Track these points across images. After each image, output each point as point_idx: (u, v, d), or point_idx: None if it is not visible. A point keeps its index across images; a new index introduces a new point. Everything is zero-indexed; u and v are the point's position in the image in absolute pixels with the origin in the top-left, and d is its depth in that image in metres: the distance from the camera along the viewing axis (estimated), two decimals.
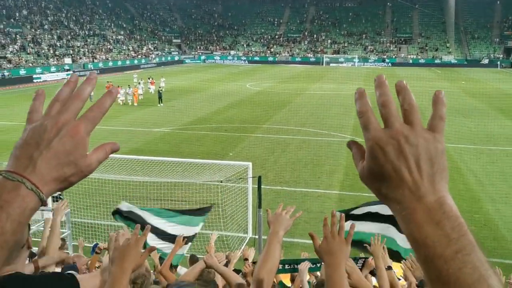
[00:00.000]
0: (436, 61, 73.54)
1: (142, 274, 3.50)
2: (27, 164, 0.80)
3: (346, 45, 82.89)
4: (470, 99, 35.36)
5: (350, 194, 14.73)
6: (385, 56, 77.01)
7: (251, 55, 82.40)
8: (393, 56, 77.09)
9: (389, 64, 73.71)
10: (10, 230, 0.76)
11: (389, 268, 4.32)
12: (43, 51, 58.68)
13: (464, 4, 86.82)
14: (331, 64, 74.30)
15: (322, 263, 4.91)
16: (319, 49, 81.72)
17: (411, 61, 74.40)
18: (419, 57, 76.16)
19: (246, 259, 5.50)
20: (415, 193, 0.76)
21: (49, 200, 10.53)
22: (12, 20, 62.21)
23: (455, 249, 0.72)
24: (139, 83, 36.25)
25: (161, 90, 33.25)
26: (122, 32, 79.79)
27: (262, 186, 10.39)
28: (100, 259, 5.60)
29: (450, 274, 0.72)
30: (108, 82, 35.28)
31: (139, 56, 73.27)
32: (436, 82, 48.67)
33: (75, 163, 0.83)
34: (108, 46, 70.94)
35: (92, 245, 7.12)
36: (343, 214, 2.17)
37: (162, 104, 31.88)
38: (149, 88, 37.79)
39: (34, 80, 49.62)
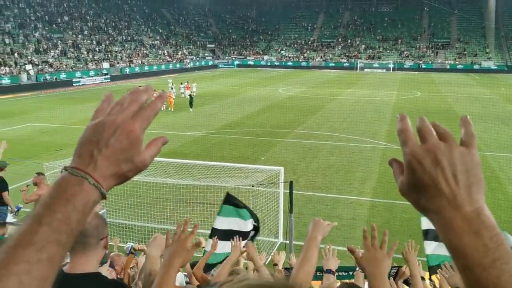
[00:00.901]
0: (475, 67, 71.56)
1: None
2: (89, 161, 0.87)
3: (381, 50, 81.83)
4: (510, 106, 34.24)
5: (383, 201, 14.52)
6: (421, 62, 75.55)
7: (284, 60, 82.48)
8: (430, 62, 75.52)
9: (426, 69, 72.27)
10: (75, 220, 0.83)
11: (422, 278, 4.25)
12: (82, 55, 60.51)
13: (505, 8, 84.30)
14: (365, 70, 73.50)
15: (355, 272, 4.88)
16: (353, 54, 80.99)
17: (448, 67, 72.68)
18: (456, 62, 74.33)
19: (276, 264, 5.49)
20: (453, 203, 0.80)
21: (10, 216, 10.85)
22: (54, 25, 64.45)
23: (494, 258, 0.76)
24: (172, 88, 36.72)
25: (192, 95, 33.46)
26: (158, 37, 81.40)
27: (293, 191, 10.39)
28: (136, 260, 5.75)
29: (489, 281, 0.75)
30: (140, 86, 36.02)
31: (174, 61, 74.51)
32: (474, 88, 47.37)
33: (131, 160, 0.89)
34: (144, 51, 72.48)
35: (125, 246, 7.28)
36: (386, 231, 2.18)
37: (192, 110, 31.90)
38: (182, 93, 38.15)
39: (74, 84, 51.19)
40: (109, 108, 0.96)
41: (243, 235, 5.33)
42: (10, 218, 10.70)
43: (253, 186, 12.55)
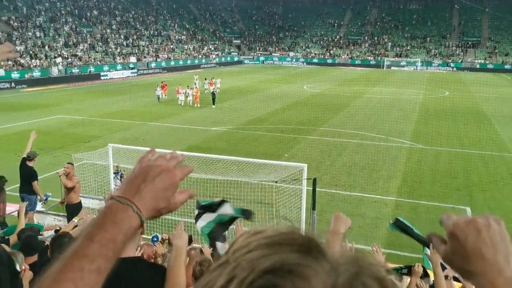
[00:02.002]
0: (506, 67, 69.68)
1: (207, 260, 3.89)
2: (135, 193, 1.02)
3: (408, 48, 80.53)
4: None
5: (408, 201, 14.35)
6: (450, 60, 73.97)
7: (310, 57, 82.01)
8: (459, 61, 73.90)
9: (454, 68, 70.79)
10: (120, 241, 0.97)
11: (449, 277, 4.21)
12: (110, 49, 61.47)
13: None
14: (392, 68, 72.48)
15: None
16: (380, 52, 79.95)
17: (478, 66, 70.98)
18: (487, 62, 72.52)
19: None
20: (494, 268, 0.90)
21: (39, 205, 11.10)
22: (83, 20, 65.64)
23: None
24: (195, 83, 36.89)
25: (215, 91, 33.38)
26: (184, 32, 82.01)
27: (316, 189, 10.36)
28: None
29: None
30: (162, 82, 36.37)
31: (200, 56, 74.95)
32: (505, 89, 46.21)
33: (168, 199, 1.05)
34: (171, 46, 73.14)
35: (151, 237, 7.41)
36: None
37: (214, 106, 31.80)
38: (205, 88, 37.96)
39: (101, 77, 52.08)
40: (153, 157, 1.13)
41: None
42: (39, 207, 11.00)
43: (276, 182, 12.57)
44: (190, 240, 5.86)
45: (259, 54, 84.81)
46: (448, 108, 30.42)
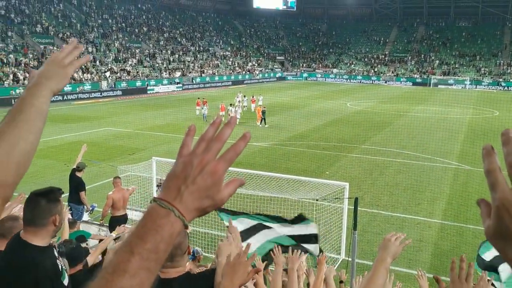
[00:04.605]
0: None
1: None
2: (176, 195, 0.96)
3: (457, 66, 78.39)
4: None
5: (453, 224, 13.85)
6: (501, 79, 71.37)
7: (354, 73, 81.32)
8: (511, 79, 71.20)
9: (506, 87, 68.19)
10: (163, 250, 0.93)
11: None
12: (157, 64, 63.32)
13: None
14: (439, 86, 70.70)
15: None
16: (426, 70, 78.23)
17: None
18: None
19: (342, 282, 5.41)
20: None
21: (86, 215, 11.37)
22: (133, 36, 68.08)
23: None
24: (237, 100, 36.51)
25: (264, 108, 31.70)
26: (229, 49, 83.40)
27: (358, 208, 10.20)
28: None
29: None
30: (198, 98, 36.62)
31: (244, 72, 75.87)
32: None
33: (212, 197, 0.98)
34: (216, 62, 74.49)
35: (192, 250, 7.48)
36: (472, 263, 2.07)
37: (265, 125, 30.63)
38: (244, 106, 37.64)
39: (148, 92, 53.64)
40: (192, 143, 1.04)
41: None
42: (85, 217, 11.39)
43: (317, 200, 12.46)
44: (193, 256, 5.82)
45: (302, 71, 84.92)
46: (497, 128, 29.22)
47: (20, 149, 1.32)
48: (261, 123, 30.87)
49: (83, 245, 6.07)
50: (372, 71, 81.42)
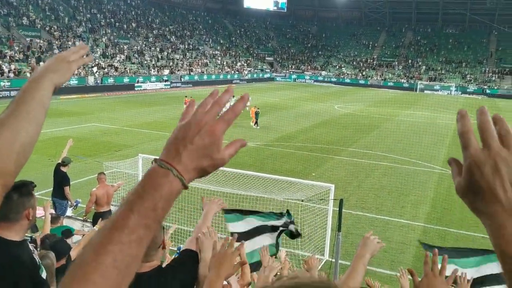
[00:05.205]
0: None
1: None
2: (175, 156, 0.99)
3: (443, 72, 79.35)
4: None
5: (436, 228, 14.02)
6: (486, 87, 72.40)
7: (342, 76, 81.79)
8: (495, 87, 72.27)
9: (490, 95, 69.12)
10: (161, 208, 0.95)
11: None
12: (145, 62, 62.93)
13: None
14: (425, 91, 71.46)
15: None
16: (413, 75, 79.04)
17: None
18: None
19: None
20: (507, 210, 0.84)
21: (69, 210, 11.27)
22: (122, 32, 67.56)
23: None
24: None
25: (257, 110, 31.04)
26: (218, 48, 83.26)
27: (343, 210, 10.26)
28: None
29: None
30: (186, 97, 36.47)
31: (233, 71, 75.81)
32: None
33: (211, 156, 1.00)
34: (205, 60, 74.30)
35: (176, 248, 7.47)
36: (446, 256, 2.13)
37: (257, 127, 30.39)
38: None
39: (136, 88, 53.28)
40: (193, 110, 1.07)
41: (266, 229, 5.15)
42: (69, 212, 11.27)
43: (302, 201, 12.51)
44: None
45: (291, 72, 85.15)
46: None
47: (21, 140, 1.33)
48: (255, 124, 30.74)
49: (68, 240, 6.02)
50: (360, 74, 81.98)
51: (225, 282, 2.80)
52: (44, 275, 3.09)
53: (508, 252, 0.83)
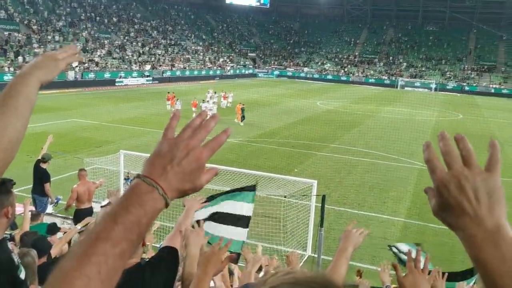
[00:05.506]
0: None
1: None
2: (161, 173, 0.99)
3: (423, 69, 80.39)
4: None
5: (416, 223, 14.23)
6: (464, 84, 73.64)
7: (324, 73, 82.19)
8: (474, 84, 73.54)
9: (469, 92, 70.25)
10: (145, 224, 0.95)
11: None
12: (127, 57, 62.21)
13: None
14: (406, 88, 72.31)
15: None
16: (394, 72, 79.89)
17: (493, 91, 70.53)
18: (502, 86, 72.00)
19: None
20: (475, 220, 0.92)
21: (50, 207, 11.14)
22: (103, 26, 66.65)
23: (510, 266, 0.88)
24: (210, 97, 35.64)
25: (243, 106, 30.95)
26: (201, 43, 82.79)
27: (325, 206, 10.34)
28: None
29: (505, 287, 0.87)
30: (168, 92, 36.18)
31: (215, 67, 75.51)
32: None
33: (193, 182, 1.03)
34: (187, 56, 73.81)
35: (159, 245, 7.42)
36: (428, 254, 2.24)
37: (242, 124, 30.03)
38: (214, 102, 36.85)
39: (117, 84, 52.64)
40: (176, 124, 1.09)
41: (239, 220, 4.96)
42: (49, 209, 11.11)
43: (285, 197, 12.56)
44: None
45: (273, 68, 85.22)
46: (461, 131, 29.79)
47: (10, 136, 1.32)
48: (242, 121, 30.55)
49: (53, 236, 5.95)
50: (342, 71, 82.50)
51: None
52: (23, 275, 3.04)
53: (480, 258, 0.90)
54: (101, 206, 7.79)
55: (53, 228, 6.43)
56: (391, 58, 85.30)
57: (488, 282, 0.89)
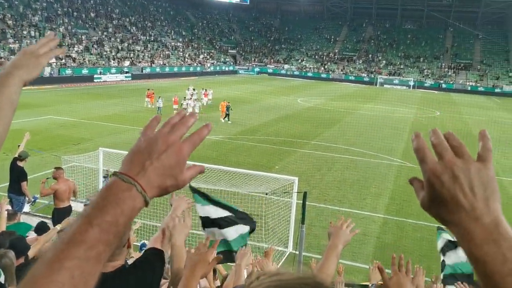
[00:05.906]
0: (496, 90, 70.66)
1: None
2: (139, 170, 0.94)
3: (402, 67, 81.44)
4: None
5: (395, 219, 14.42)
6: (442, 81, 74.91)
7: (304, 70, 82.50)
8: (451, 82, 74.86)
9: (446, 89, 71.51)
10: (122, 223, 0.90)
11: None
12: (105, 53, 61.32)
13: None
14: (385, 85, 73.15)
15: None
16: (373, 69, 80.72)
17: (469, 88, 71.92)
18: (478, 84, 73.48)
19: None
20: (472, 215, 0.86)
21: (27, 206, 10.95)
22: (80, 21, 65.52)
23: (511, 268, 0.82)
24: (190, 94, 35.11)
25: (228, 104, 30.54)
26: (180, 40, 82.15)
27: (306, 202, 10.38)
28: None
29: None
30: (148, 89, 35.77)
31: (195, 64, 75.04)
32: (495, 112, 46.80)
33: (175, 177, 0.97)
34: (167, 52, 73.18)
35: (139, 244, 7.35)
36: (410, 259, 2.31)
37: (229, 121, 29.76)
38: (195, 99, 36.60)
39: (95, 80, 51.87)
40: (158, 126, 1.03)
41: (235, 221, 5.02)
42: (26, 208, 10.88)
43: (266, 194, 12.57)
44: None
45: (254, 65, 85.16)
46: (438, 128, 30.56)
47: None
48: (224, 118, 30.22)
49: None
50: (322, 68, 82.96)
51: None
52: (2, 278, 2.96)
53: (478, 255, 0.84)
54: (85, 205, 7.64)
55: (42, 227, 6.28)
56: (370, 55, 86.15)
57: (488, 282, 0.84)
